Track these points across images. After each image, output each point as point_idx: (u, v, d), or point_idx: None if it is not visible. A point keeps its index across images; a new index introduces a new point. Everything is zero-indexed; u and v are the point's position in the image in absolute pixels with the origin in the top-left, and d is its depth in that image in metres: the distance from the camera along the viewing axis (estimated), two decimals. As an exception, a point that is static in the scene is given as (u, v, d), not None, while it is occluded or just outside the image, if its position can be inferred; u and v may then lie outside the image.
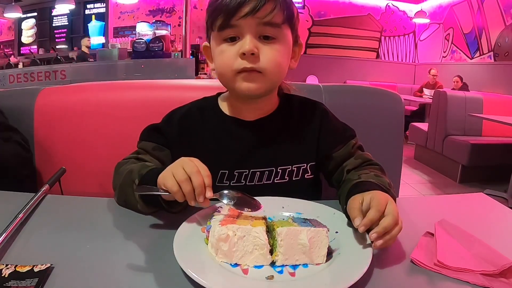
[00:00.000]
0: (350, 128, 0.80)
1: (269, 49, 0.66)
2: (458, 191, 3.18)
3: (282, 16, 0.66)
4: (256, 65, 0.65)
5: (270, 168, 0.74)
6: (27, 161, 0.96)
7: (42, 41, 7.07)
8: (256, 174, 0.73)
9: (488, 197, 0.80)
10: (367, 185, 0.61)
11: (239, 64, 0.65)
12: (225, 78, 0.69)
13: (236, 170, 0.73)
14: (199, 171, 0.55)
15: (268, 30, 0.65)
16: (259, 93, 0.69)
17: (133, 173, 0.65)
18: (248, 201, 0.57)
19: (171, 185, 0.55)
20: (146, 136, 0.77)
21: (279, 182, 0.74)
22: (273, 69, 0.67)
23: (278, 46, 0.67)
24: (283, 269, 0.49)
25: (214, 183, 0.57)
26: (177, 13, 6.62)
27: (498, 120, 2.89)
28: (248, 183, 0.73)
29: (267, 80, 0.67)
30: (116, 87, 1.12)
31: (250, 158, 0.74)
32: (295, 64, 0.75)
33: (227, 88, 0.75)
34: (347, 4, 6.86)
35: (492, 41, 5.19)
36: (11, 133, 0.94)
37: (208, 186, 0.55)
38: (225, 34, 0.66)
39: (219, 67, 0.69)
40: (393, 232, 0.51)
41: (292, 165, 0.75)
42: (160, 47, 4.44)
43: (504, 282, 0.47)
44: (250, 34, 0.64)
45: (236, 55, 0.65)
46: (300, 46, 0.76)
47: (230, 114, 0.77)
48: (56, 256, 0.50)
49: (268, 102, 0.76)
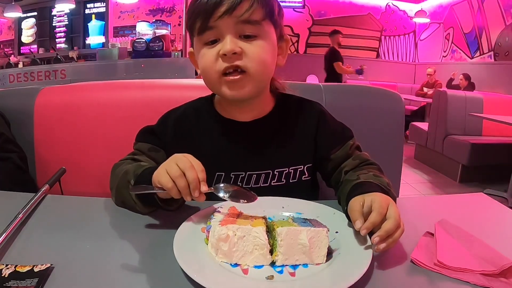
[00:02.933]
0: (347, 128, 0.79)
1: (251, 47, 0.64)
2: (458, 190, 3.18)
3: (261, 13, 0.64)
4: (240, 63, 0.64)
5: (266, 170, 0.73)
6: (24, 182, 0.95)
7: (42, 40, 7.06)
8: (253, 176, 0.73)
9: (488, 197, 0.80)
10: (368, 186, 0.61)
11: (220, 65, 0.64)
12: (210, 82, 0.68)
13: (232, 172, 0.73)
14: (192, 166, 0.55)
15: (248, 28, 0.64)
16: (246, 96, 0.67)
17: (129, 174, 0.65)
18: (244, 193, 0.57)
19: (166, 182, 0.55)
20: (141, 137, 0.77)
21: (276, 185, 0.73)
22: (258, 67, 0.65)
23: (261, 42, 0.65)
24: (283, 269, 0.49)
25: (210, 185, 0.57)
26: (177, 12, 6.61)
27: (498, 119, 2.89)
28: (245, 185, 0.73)
29: (252, 80, 0.66)
30: (116, 86, 1.12)
31: (246, 160, 0.73)
32: (283, 60, 0.74)
33: (215, 93, 0.75)
34: (347, 3, 6.85)
35: (492, 41, 5.19)
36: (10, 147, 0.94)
37: (203, 181, 0.55)
38: (206, 37, 0.65)
39: (203, 71, 0.68)
40: (395, 235, 0.50)
41: (288, 167, 0.74)
42: (160, 46, 4.44)
43: (504, 282, 0.47)
44: (230, 34, 0.63)
45: (217, 56, 0.64)
46: (286, 42, 0.75)
47: (225, 116, 0.76)
48: (56, 256, 0.50)
49: (261, 102, 0.75)
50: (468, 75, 5.01)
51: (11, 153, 0.93)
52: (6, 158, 0.91)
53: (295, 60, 6.00)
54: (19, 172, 0.93)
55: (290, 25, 6.55)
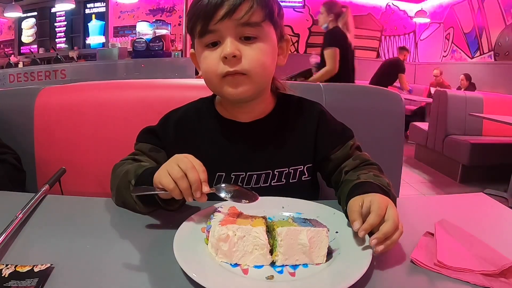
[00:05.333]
0: (348, 128, 0.79)
1: (251, 50, 0.65)
2: (458, 190, 3.17)
3: (261, 15, 0.65)
4: (239, 68, 0.64)
5: (267, 171, 0.73)
6: (20, 182, 0.95)
7: (42, 40, 7.06)
8: (253, 176, 0.73)
9: (488, 197, 0.80)
10: (367, 186, 0.61)
11: (222, 69, 0.65)
12: (212, 84, 0.69)
13: (233, 172, 0.73)
14: (194, 166, 0.55)
15: (248, 31, 0.64)
16: (247, 96, 0.68)
17: (129, 174, 0.66)
18: (245, 193, 0.57)
19: (167, 183, 0.55)
20: (142, 138, 0.77)
21: (276, 185, 0.74)
22: (257, 70, 0.66)
23: (261, 45, 0.66)
24: (283, 269, 0.49)
25: (211, 185, 0.57)
26: (177, 12, 6.61)
27: (498, 119, 2.89)
28: (245, 185, 0.73)
29: (253, 82, 0.67)
30: (116, 86, 1.12)
31: (247, 160, 0.74)
32: (284, 60, 0.75)
33: (216, 94, 0.76)
34: (347, 3, 6.84)
35: (493, 41, 5.18)
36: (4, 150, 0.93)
37: (204, 181, 0.56)
38: (206, 40, 0.66)
39: (204, 74, 0.69)
40: (393, 237, 0.50)
41: (289, 167, 0.74)
42: (160, 46, 4.44)
43: (504, 282, 0.47)
44: (230, 37, 0.64)
45: (219, 59, 0.65)
46: (287, 41, 0.75)
47: (226, 116, 0.76)
48: (56, 256, 0.50)
49: (262, 103, 0.76)
50: (469, 75, 5.00)
51: (5, 154, 0.93)
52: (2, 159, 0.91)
53: (295, 60, 5.98)
54: (16, 173, 0.93)
55: (290, 25, 6.54)
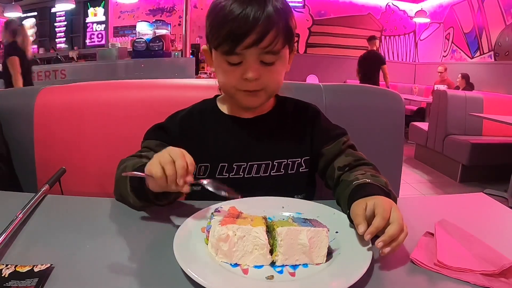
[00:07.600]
0: (342, 128, 0.83)
1: (269, 72, 0.71)
2: (458, 190, 3.18)
3: (282, 42, 0.69)
4: (258, 87, 0.71)
5: (266, 161, 0.77)
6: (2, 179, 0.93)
7: (42, 40, 7.06)
8: (254, 166, 0.77)
9: (488, 197, 0.80)
10: (369, 188, 0.61)
11: (242, 86, 0.71)
12: (228, 92, 0.75)
13: (235, 163, 0.76)
14: (184, 156, 0.57)
15: (269, 58, 0.69)
16: (260, 104, 0.76)
17: (128, 168, 0.67)
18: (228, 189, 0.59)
19: (156, 171, 0.57)
20: (150, 134, 0.79)
21: (275, 175, 0.77)
22: (273, 87, 0.75)
23: (278, 67, 0.72)
24: (283, 269, 0.49)
25: (214, 175, 0.58)
26: (177, 12, 6.61)
27: (498, 119, 2.89)
28: (246, 175, 0.77)
29: (267, 95, 0.75)
30: (116, 86, 1.12)
31: (248, 152, 0.77)
32: (289, 67, 0.79)
33: (229, 97, 0.79)
34: (348, 3, 6.85)
35: (493, 41, 5.18)
36: None
37: (190, 173, 0.57)
38: (231, 59, 0.70)
39: (223, 84, 0.75)
40: (399, 239, 0.51)
41: (287, 159, 0.78)
42: (160, 46, 4.44)
43: (504, 282, 0.47)
44: (253, 62, 0.69)
45: (240, 78, 0.70)
46: (294, 51, 0.78)
47: (229, 113, 0.81)
48: (56, 256, 0.50)
49: (265, 104, 0.80)
50: (467, 74, 4.97)
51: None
52: None
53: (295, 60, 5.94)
54: None
55: (290, 25, 6.55)
